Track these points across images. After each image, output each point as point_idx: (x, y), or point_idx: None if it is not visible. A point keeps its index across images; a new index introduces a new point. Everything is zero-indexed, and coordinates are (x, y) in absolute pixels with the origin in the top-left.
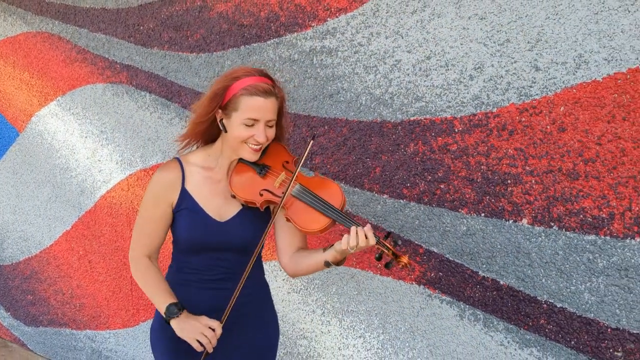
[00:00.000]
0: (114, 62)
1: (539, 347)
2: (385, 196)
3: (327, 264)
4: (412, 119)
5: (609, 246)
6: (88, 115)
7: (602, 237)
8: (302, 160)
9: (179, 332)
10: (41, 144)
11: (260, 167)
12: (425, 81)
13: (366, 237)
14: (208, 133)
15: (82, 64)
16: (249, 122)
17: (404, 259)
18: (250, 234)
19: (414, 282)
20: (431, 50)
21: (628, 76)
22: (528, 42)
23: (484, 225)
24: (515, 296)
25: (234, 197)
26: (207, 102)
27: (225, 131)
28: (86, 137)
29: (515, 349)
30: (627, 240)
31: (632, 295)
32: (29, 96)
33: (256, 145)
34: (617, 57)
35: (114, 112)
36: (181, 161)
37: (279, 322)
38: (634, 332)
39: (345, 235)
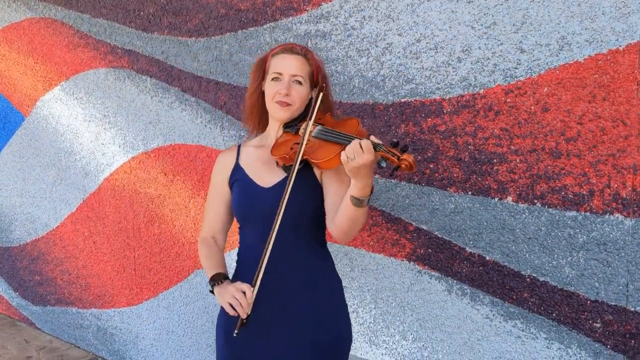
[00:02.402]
0: (116, 47)
1: (522, 320)
2: (376, 176)
3: (354, 200)
4: (402, 100)
5: (588, 222)
6: (91, 99)
7: (583, 213)
8: (318, 102)
9: (219, 299)
10: (46, 128)
11: (295, 128)
12: (415, 63)
13: (362, 147)
14: (263, 118)
15: (84, 49)
16: (275, 76)
17: (407, 158)
18: (293, 198)
19: (404, 259)
20: (421, 34)
21: (608, 57)
22: (513, 25)
23: (471, 203)
24: (500, 271)
25: (277, 164)
26: (253, 75)
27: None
28: (89, 121)
29: (500, 322)
30: (606, 216)
31: (610, 268)
32: (33, 81)
33: (282, 99)
34: (597, 39)
35: (116, 97)
36: (240, 145)
37: None
38: (612, 304)
39: None
